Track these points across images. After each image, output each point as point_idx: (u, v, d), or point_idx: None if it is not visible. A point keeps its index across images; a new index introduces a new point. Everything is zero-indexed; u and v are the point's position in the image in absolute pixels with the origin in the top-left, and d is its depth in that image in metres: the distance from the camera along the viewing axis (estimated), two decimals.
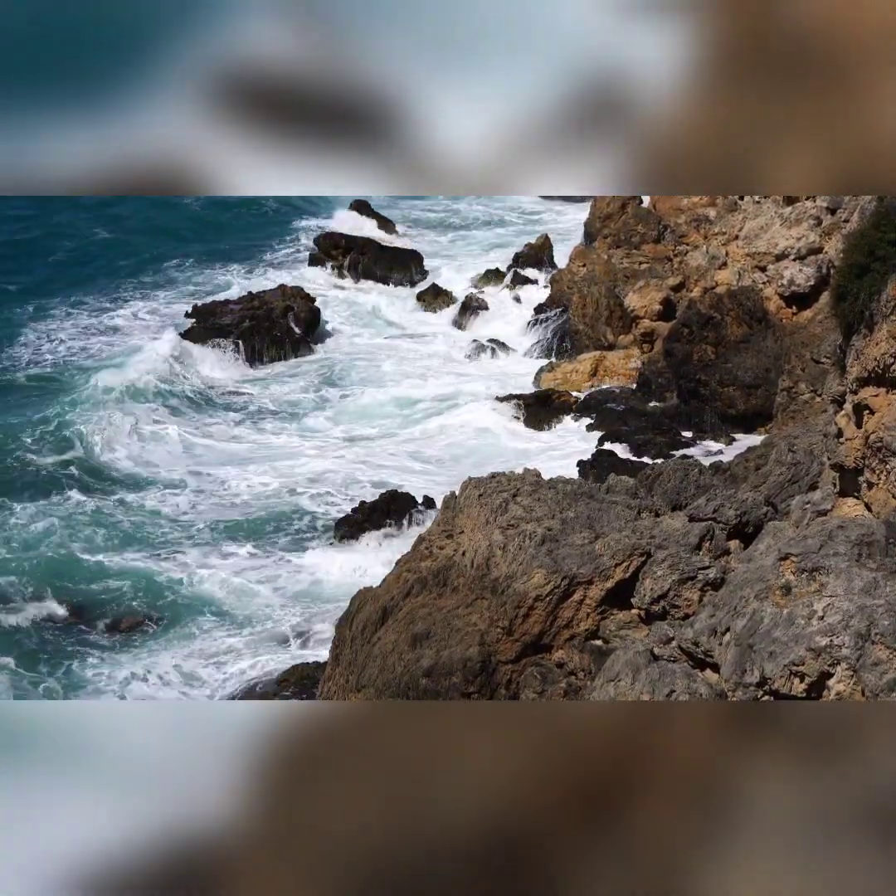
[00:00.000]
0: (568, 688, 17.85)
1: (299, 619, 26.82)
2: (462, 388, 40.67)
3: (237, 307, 45.27)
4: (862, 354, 15.26)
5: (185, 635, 26.04)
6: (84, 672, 24.43)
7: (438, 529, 21.05)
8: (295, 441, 37.03)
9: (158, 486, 33.50)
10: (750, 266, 38.03)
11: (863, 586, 13.12)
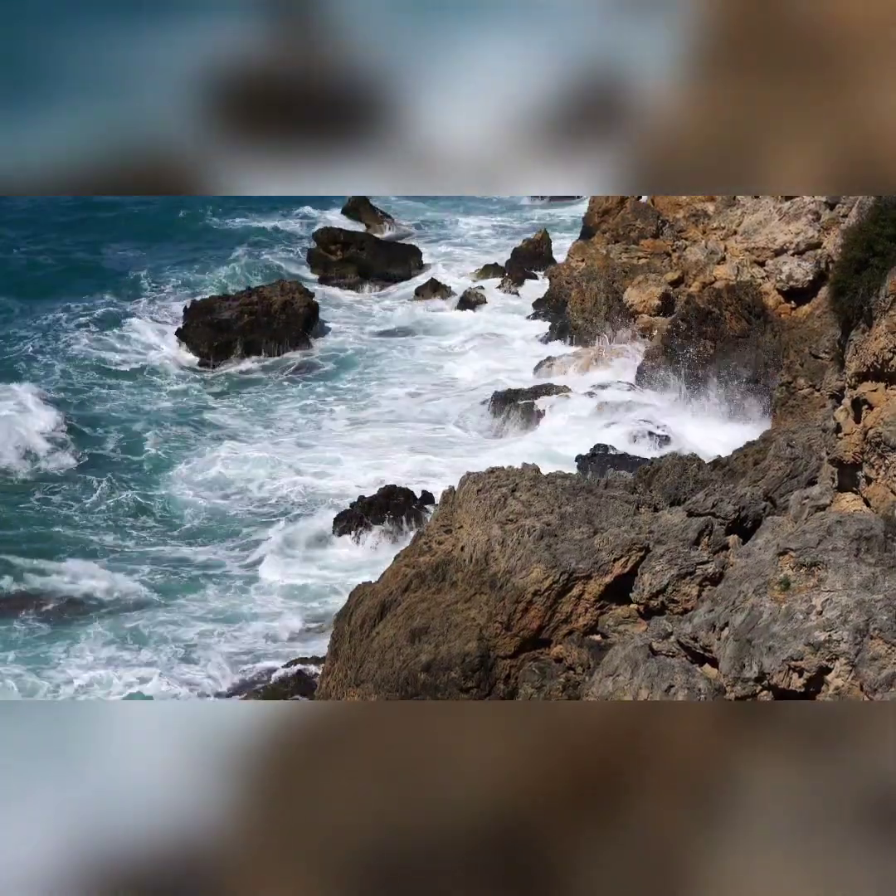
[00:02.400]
0: (566, 683, 17.85)
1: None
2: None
3: (235, 303, 45.22)
4: (860, 349, 15.25)
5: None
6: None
7: (437, 524, 21.05)
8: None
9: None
10: (748, 261, 38.00)
11: (861, 581, 13.13)
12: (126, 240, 57.17)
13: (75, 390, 40.40)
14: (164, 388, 41.16)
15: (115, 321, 46.20)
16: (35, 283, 50.66)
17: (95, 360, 42.90)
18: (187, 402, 40.13)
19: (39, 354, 43.15)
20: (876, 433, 14.98)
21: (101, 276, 51.41)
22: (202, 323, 44.21)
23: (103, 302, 48.21)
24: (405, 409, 39.21)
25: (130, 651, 25.12)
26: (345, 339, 45.81)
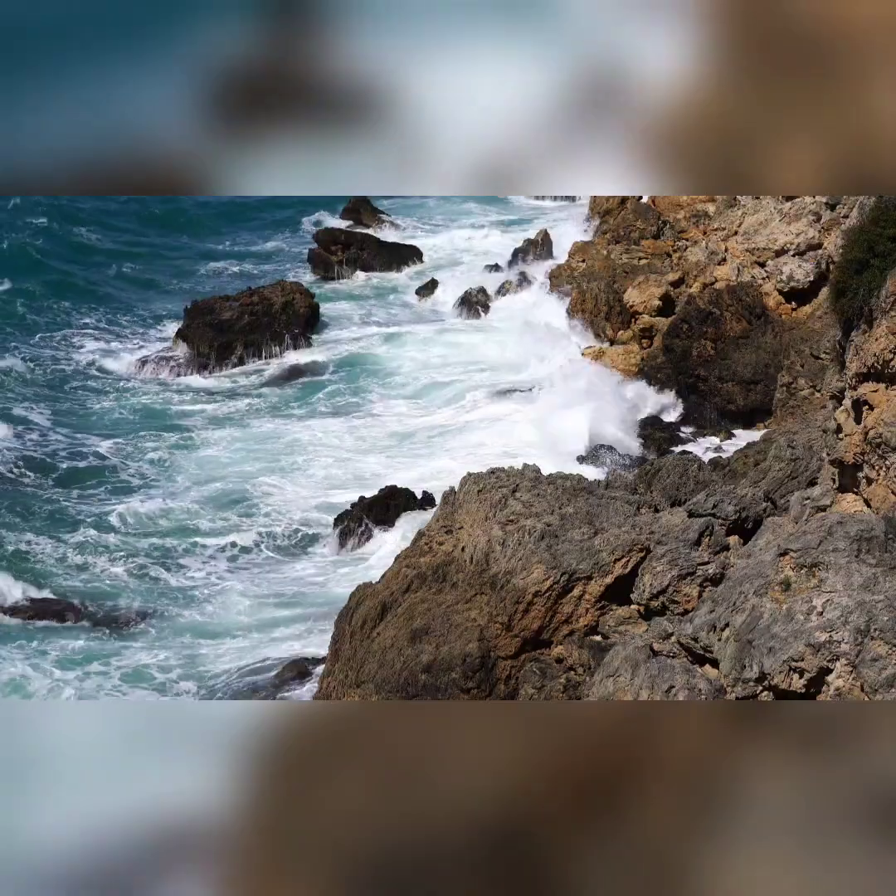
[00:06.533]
0: (567, 683, 17.86)
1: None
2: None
3: (236, 303, 45.21)
4: (861, 350, 15.25)
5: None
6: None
7: (438, 525, 21.05)
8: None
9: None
10: (749, 262, 38.00)
11: (862, 582, 13.13)
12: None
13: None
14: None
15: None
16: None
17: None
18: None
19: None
20: (876, 434, 14.98)
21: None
22: (202, 323, 44.20)
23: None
24: (406, 410, 39.16)
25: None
26: (344, 339, 45.74)
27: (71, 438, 36.25)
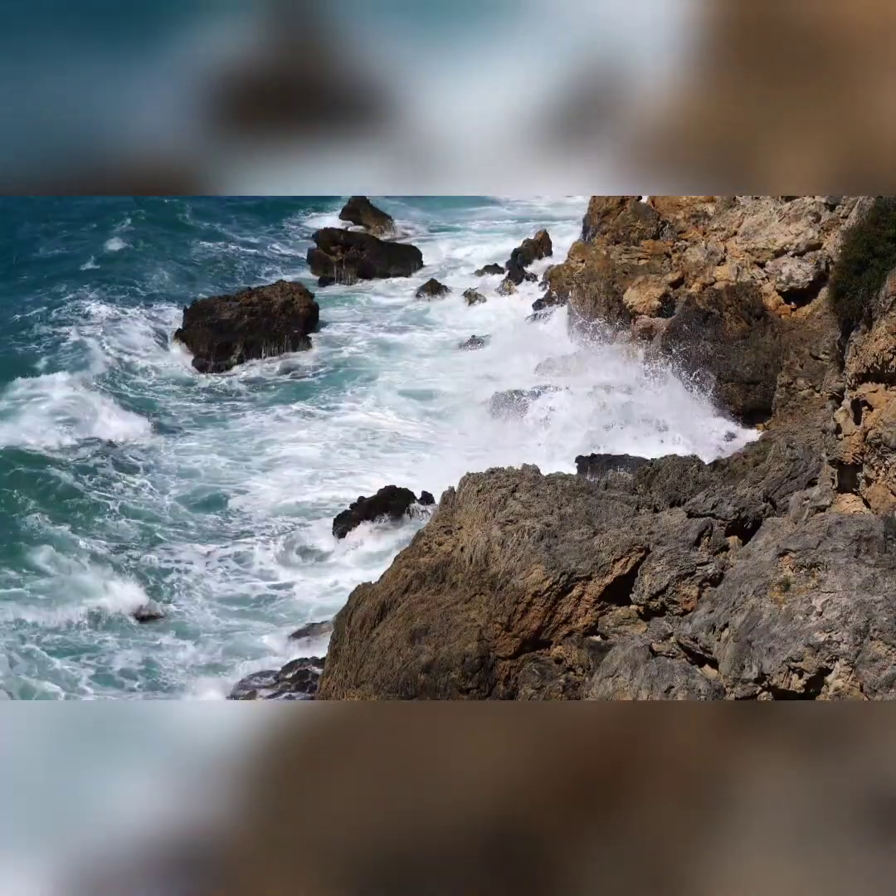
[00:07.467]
0: (566, 683, 17.85)
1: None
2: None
3: (235, 304, 45.20)
4: (860, 350, 15.26)
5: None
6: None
7: (437, 525, 21.04)
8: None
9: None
10: (748, 262, 37.99)
11: (861, 582, 13.13)
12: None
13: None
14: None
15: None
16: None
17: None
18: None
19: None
20: (876, 434, 14.99)
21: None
22: (202, 324, 44.20)
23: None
24: (404, 411, 39.15)
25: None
26: (345, 339, 45.73)
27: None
